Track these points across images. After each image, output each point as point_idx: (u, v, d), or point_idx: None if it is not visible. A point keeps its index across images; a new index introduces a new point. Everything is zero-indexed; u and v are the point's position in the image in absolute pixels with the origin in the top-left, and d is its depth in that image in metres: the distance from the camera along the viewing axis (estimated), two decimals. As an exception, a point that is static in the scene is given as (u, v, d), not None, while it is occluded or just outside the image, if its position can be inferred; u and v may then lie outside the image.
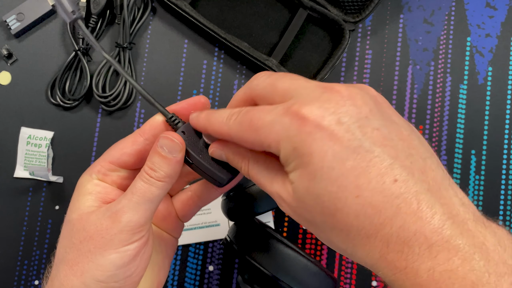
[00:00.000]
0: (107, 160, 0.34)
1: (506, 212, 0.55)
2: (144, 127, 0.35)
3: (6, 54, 0.56)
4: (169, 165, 0.32)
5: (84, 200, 0.33)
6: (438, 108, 0.56)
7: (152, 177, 0.32)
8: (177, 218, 0.38)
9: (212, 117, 0.31)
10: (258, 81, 0.30)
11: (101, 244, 0.31)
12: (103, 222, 0.31)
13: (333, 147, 0.26)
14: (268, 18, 0.57)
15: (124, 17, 0.55)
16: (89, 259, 0.31)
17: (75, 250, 0.32)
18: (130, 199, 0.31)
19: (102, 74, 0.55)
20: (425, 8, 0.57)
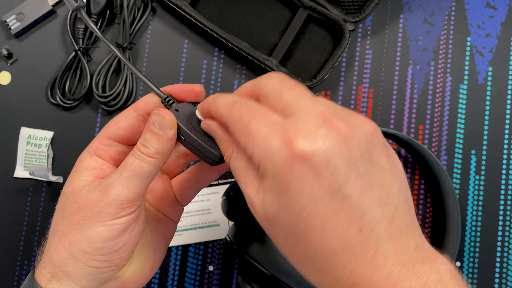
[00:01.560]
0: (104, 136, 0.35)
1: (506, 212, 0.55)
2: (138, 102, 0.35)
3: (6, 54, 0.56)
4: (160, 142, 0.32)
5: (79, 175, 0.34)
6: (438, 108, 0.56)
7: (143, 153, 0.32)
8: (176, 201, 0.38)
9: (219, 98, 0.31)
10: (268, 82, 0.30)
11: (89, 216, 0.32)
12: (93, 195, 0.32)
13: (312, 187, 0.26)
14: (268, 18, 0.57)
15: (124, 17, 0.55)
16: (77, 230, 0.32)
17: (65, 221, 0.33)
18: (121, 173, 0.32)
19: (102, 74, 0.55)
20: (425, 8, 0.57)
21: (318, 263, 0.27)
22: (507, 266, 0.54)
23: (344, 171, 0.26)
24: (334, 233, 0.26)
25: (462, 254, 0.54)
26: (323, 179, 0.26)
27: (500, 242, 0.54)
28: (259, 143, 0.27)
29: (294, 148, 0.26)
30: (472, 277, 0.54)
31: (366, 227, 0.26)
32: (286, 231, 0.27)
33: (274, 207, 0.27)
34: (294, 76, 0.55)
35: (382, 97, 0.56)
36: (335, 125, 0.27)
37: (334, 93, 0.57)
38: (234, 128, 0.29)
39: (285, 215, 0.27)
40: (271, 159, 0.27)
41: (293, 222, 0.27)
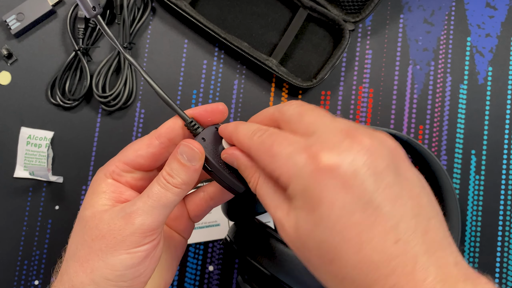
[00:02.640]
0: (122, 161, 0.35)
1: (506, 212, 0.55)
2: (160, 129, 0.35)
3: (6, 54, 0.56)
4: (187, 173, 0.32)
5: (97, 199, 0.34)
6: (438, 108, 0.56)
7: (169, 183, 0.32)
8: (189, 219, 0.38)
9: (240, 127, 0.32)
10: (289, 107, 0.31)
11: (112, 244, 0.31)
12: (116, 222, 0.32)
13: (344, 198, 0.26)
14: (268, 18, 0.57)
15: (124, 17, 0.55)
16: (100, 257, 0.32)
17: (86, 247, 0.32)
18: (145, 202, 0.32)
19: (102, 74, 0.55)
20: (425, 8, 0.57)
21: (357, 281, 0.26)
22: (507, 266, 0.54)
23: (372, 181, 0.26)
24: (371, 245, 0.26)
25: (462, 254, 0.54)
26: (352, 190, 0.26)
27: (500, 242, 0.54)
28: (285, 162, 0.27)
29: (320, 161, 0.26)
30: (472, 277, 0.54)
31: (402, 237, 0.26)
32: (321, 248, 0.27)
33: (307, 225, 0.27)
34: (294, 76, 0.55)
35: (382, 97, 0.56)
36: (358, 138, 0.27)
37: (334, 93, 0.57)
38: (257, 154, 0.30)
39: (319, 230, 0.26)
40: (299, 175, 0.27)
41: (328, 237, 0.26)
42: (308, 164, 0.27)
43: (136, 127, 0.57)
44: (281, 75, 0.54)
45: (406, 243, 0.26)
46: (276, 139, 0.29)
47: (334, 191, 0.26)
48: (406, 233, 0.26)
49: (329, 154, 0.26)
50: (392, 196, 0.26)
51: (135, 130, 0.57)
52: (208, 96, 0.57)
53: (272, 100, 0.57)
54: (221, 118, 0.35)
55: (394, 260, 0.25)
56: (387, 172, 0.27)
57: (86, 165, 0.56)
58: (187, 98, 0.57)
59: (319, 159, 0.26)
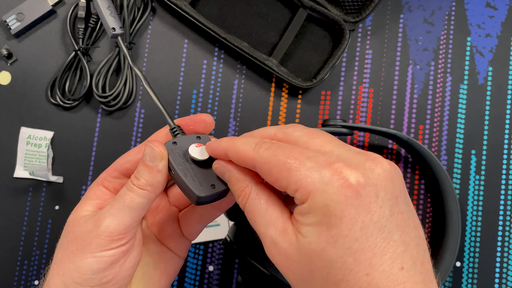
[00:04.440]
0: (113, 168, 0.35)
1: (506, 212, 0.55)
2: (150, 137, 0.36)
3: (6, 54, 0.56)
4: (150, 173, 0.32)
5: (83, 205, 0.34)
6: (438, 108, 0.56)
7: (135, 184, 0.32)
8: (182, 236, 0.38)
9: (237, 140, 0.31)
10: (295, 129, 0.30)
11: (81, 246, 0.32)
12: (87, 225, 0.32)
13: (364, 218, 0.26)
14: (268, 18, 0.57)
15: (124, 17, 0.55)
16: (71, 259, 0.32)
17: (62, 249, 0.33)
18: (112, 205, 0.32)
19: (102, 74, 0.55)
20: (425, 8, 0.57)
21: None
22: (507, 266, 0.54)
23: (389, 206, 0.26)
24: (380, 269, 0.26)
25: (462, 254, 0.54)
26: (373, 211, 0.26)
27: (500, 242, 0.54)
28: (307, 176, 0.27)
29: (347, 178, 0.26)
30: (472, 277, 0.54)
31: (406, 265, 0.26)
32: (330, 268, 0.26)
33: (321, 241, 0.26)
34: (294, 76, 0.55)
35: (382, 97, 0.56)
36: (378, 160, 0.27)
37: (334, 93, 0.57)
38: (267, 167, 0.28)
39: (334, 249, 0.26)
40: (323, 189, 0.26)
41: (341, 257, 0.26)
42: (335, 179, 0.26)
43: (136, 127, 0.57)
44: (281, 75, 0.54)
45: (408, 271, 0.26)
46: (291, 152, 0.28)
47: (356, 210, 0.26)
48: (410, 261, 0.26)
49: (355, 173, 0.26)
50: (403, 223, 0.27)
51: (135, 130, 0.57)
52: (208, 96, 0.57)
53: (272, 100, 0.57)
54: (204, 128, 0.35)
55: (397, 286, 0.26)
56: (401, 197, 0.27)
57: (86, 165, 0.56)
58: (187, 98, 0.57)
59: (346, 176, 0.26)
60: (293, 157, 0.27)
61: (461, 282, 0.54)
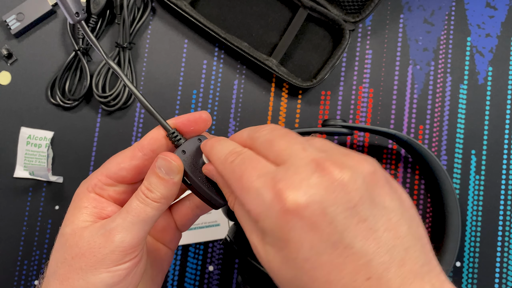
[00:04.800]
0: (104, 174, 0.34)
1: (506, 212, 0.55)
2: (142, 141, 0.34)
3: (6, 54, 0.56)
4: (166, 187, 0.32)
5: (79, 214, 0.33)
6: (438, 108, 0.56)
7: (148, 197, 0.31)
8: (176, 229, 0.37)
9: (215, 148, 0.31)
10: (260, 134, 0.30)
11: (92, 263, 0.31)
12: (96, 240, 0.31)
13: (312, 239, 0.25)
14: (268, 18, 0.57)
15: (124, 17, 0.55)
16: (80, 276, 0.31)
17: (66, 265, 0.31)
18: (125, 218, 0.31)
19: (102, 74, 0.55)
20: (425, 8, 0.57)
21: None
22: (507, 266, 0.54)
23: (342, 218, 0.25)
24: (340, 284, 0.25)
25: (462, 254, 0.54)
26: (322, 229, 0.25)
27: (500, 242, 0.54)
28: (253, 198, 0.27)
29: (285, 201, 0.25)
30: (472, 277, 0.54)
31: (374, 275, 0.25)
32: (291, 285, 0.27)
33: (276, 260, 0.27)
34: (294, 76, 0.55)
35: (382, 97, 0.56)
36: (328, 170, 0.26)
37: (334, 93, 0.57)
38: (229, 182, 0.29)
39: (288, 268, 0.26)
40: (266, 214, 0.26)
41: (296, 276, 0.26)
42: (275, 203, 0.25)
43: (136, 127, 0.57)
44: (281, 75, 0.54)
45: (378, 279, 0.25)
46: (246, 168, 0.28)
47: (301, 232, 0.25)
48: (379, 269, 0.25)
49: (296, 193, 0.25)
50: (365, 231, 0.25)
51: (135, 130, 0.57)
52: (208, 96, 0.57)
53: (272, 100, 0.57)
54: (204, 127, 0.34)
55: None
56: (361, 205, 0.25)
57: (86, 165, 0.56)
58: (187, 98, 0.57)
59: (284, 198, 0.25)
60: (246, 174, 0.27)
61: (461, 282, 0.54)
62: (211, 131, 0.57)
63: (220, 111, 0.57)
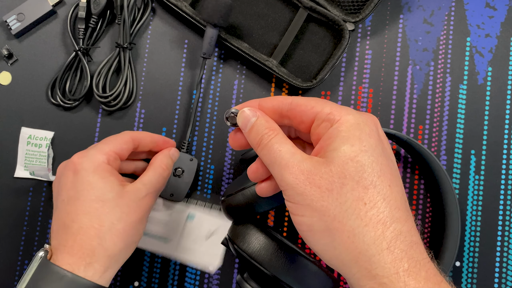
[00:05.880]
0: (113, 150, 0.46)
1: (506, 212, 0.55)
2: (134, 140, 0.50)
3: (6, 54, 0.56)
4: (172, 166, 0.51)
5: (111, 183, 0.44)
6: (438, 108, 0.56)
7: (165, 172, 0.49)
8: None
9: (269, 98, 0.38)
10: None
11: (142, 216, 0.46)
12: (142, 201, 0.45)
13: (384, 146, 0.35)
14: (268, 19, 0.57)
15: (124, 17, 0.55)
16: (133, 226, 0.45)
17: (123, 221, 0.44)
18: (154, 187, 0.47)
19: (102, 74, 0.55)
20: (425, 8, 0.57)
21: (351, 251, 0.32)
22: (506, 266, 0.54)
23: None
24: (396, 188, 0.33)
25: (461, 254, 0.54)
26: (383, 144, 0.35)
27: (500, 242, 0.54)
28: (339, 107, 0.34)
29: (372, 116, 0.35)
30: (472, 277, 0.54)
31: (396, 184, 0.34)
32: (363, 171, 0.32)
33: (354, 149, 0.32)
34: (294, 77, 0.55)
35: (382, 97, 0.57)
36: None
37: (334, 93, 0.57)
38: (304, 101, 0.35)
39: (366, 156, 0.32)
40: (355, 116, 0.34)
41: (371, 163, 0.32)
42: (364, 115, 0.34)
43: (136, 127, 0.57)
44: (281, 76, 0.55)
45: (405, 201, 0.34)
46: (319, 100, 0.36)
47: (379, 138, 0.34)
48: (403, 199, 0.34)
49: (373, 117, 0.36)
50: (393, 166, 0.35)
51: (135, 130, 0.57)
52: (208, 96, 0.57)
53: (272, 100, 0.57)
54: None
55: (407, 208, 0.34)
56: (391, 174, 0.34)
57: (86, 165, 0.56)
58: (187, 98, 0.57)
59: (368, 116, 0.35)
60: (321, 102, 0.35)
61: (460, 282, 0.54)
62: (212, 131, 0.57)
63: (220, 111, 0.57)
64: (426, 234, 0.55)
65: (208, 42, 0.54)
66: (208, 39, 0.54)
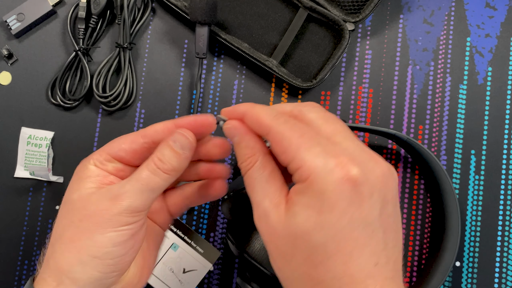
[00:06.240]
0: (106, 151, 0.36)
1: (506, 212, 0.55)
2: (147, 130, 0.36)
3: (6, 54, 0.56)
4: (178, 160, 0.33)
5: (83, 183, 0.34)
6: (438, 108, 0.56)
7: (159, 168, 0.33)
8: (168, 213, 0.39)
9: (258, 106, 0.32)
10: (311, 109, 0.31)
11: (100, 222, 0.32)
12: (104, 203, 0.33)
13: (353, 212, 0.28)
14: (268, 19, 0.57)
15: (124, 17, 0.55)
16: (87, 236, 0.32)
17: (73, 228, 0.33)
18: (134, 185, 0.33)
19: (103, 74, 0.55)
20: (425, 8, 0.57)
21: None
22: (506, 266, 0.54)
23: (379, 207, 0.28)
24: (357, 262, 0.28)
25: (461, 254, 0.54)
26: (363, 208, 0.28)
27: (500, 242, 0.54)
28: (313, 158, 0.28)
29: (349, 172, 0.27)
30: (472, 277, 0.54)
31: (381, 262, 0.28)
32: (313, 250, 0.28)
33: (309, 223, 0.28)
34: (294, 77, 0.55)
35: (382, 97, 0.57)
36: (380, 163, 0.29)
37: (334, 93, 0.57)
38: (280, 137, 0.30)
39: (320, 233, 0.28)
40: (324, 176, 0.27)
41: (324, 242, 0.28)
42: (338, 170, 0.27)
43: (136, 127, 0.57)
44: (281, 76, 0.55)
45: (381, 267, 0.28)
46: (306, 133, 0.29)
47: (349, 203, 0.27)
48: (384, 260, 0.29)
49: (357, 169, 0.28)
50: (387, 225, 0.29)
51: (135, 130, 0.57)
52: (208, 96, 0.57)
53: (272, 101, 0.57)
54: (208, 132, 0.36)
55: (369, 279, 0.28)
56: (391, 203, 0.29)
57: (86, 165, 0.56)
58: (187, 98, 0.57)
59: (348, 170, 0.27)
60: (306, 137, 0.29)
61: (460, 282, 0.54)
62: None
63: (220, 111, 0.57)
64: (426, 234, 0.55)
65: (198, 41, 0.54)
66: (197, 38, 0.54)
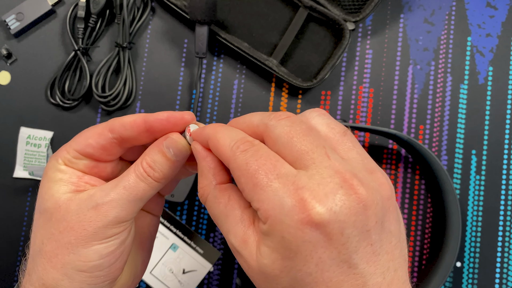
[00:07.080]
0: (73, 147, 0.32)
1: (507, 212, 0.55)
2: (114, 123, 0.32)
3: (5, 54, 0.56)
4: (170, 167, 0.31)
5: (56, 187, 0.31)
6: (438, 108, 0.56)
7: (150, 176, 0.30)
8: (158, 195, 0.36)
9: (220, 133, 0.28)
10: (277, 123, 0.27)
11: (82, 236, 0.29)
12: (86, 213, 0.29)
13: (322, 254, 0.24)
14: (268, 18, 0.57)
15: (124, 17, 0.55)
16: (70, 250, 0.30)
17: (53, 241, 0.30)
18: (120, 194, 0.30)
19: (102, 74, 0.55)
20: (426, 7, 0.57)
21: None
22: (507, 266, 0.54)
23: (356, 241, 0.25)
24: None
25: (462, 254, 0.54)
26: (334, 248, 0.24)
27: (501, 242, 0.54)
28: (269, 199, 0.25)
29: (309, 212, 0.24)
30: (472, 277, 0.54)
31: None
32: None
33: (275, 266, 0.25)
34: (294, 76, 0.55)
35: (382, 97, 0.56)
36: (354, 190, 0.25)
37: (335, 93, 0.57)
38: (238, 174, 0.26)
39: (287, 277, 0.25)
40: (282, 219, 0.24)
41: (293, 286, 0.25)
42: (296, 211, 0.24)
43: (136, 127, 0.57)
44: (281, 75, 0.54)
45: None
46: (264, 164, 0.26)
47: (314, 247, 0.24)
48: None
49: (321, 206, 0.24)
50: (370, 255, 0.25)
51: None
52: (208, 96, 0.57)
53: (272, 100, 0.57)
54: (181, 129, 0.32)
55: None
56: (374, 230, 0.25)
57: (85, 165, 0.56)
58: (187, 98, 0.57)
59: (308, 209, 0.24)
60: (263, 170, 0.25)
61: (461, 282, 0.54)
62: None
63: (220, 111, 0.57)
64: (427, 234, 0.55)
65: (198, 40, 0.54)
66: (197, 38, 0.54)
